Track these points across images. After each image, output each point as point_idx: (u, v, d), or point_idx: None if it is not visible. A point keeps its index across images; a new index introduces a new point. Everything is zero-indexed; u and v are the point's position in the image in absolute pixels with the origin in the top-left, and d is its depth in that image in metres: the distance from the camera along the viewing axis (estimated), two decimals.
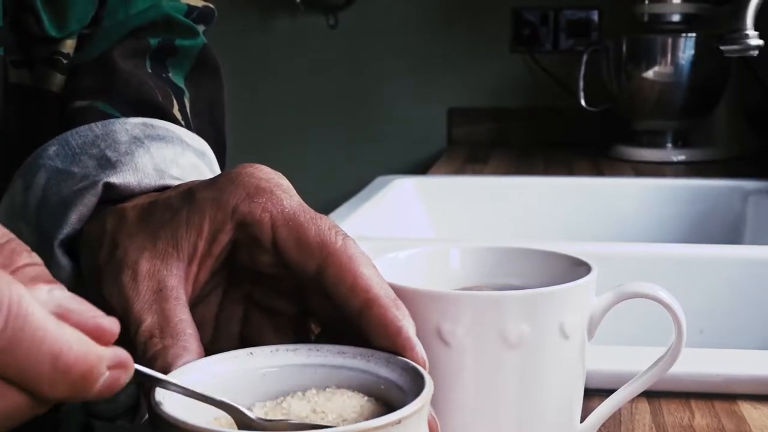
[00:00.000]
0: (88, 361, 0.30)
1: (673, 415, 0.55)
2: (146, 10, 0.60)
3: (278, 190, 0.42)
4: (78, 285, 0.46)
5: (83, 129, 0.51)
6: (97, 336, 0.30)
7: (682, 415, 0.55)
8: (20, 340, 0.29)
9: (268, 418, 0.37)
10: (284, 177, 0.44)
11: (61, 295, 0.31)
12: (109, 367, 0.31)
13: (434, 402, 0.36)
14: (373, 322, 0.39)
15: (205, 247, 0.42)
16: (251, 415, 0.36)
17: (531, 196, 1.36)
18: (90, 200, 0.46)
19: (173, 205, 0.43)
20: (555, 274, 0.48)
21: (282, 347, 0.40)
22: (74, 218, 0.46)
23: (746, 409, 0.56)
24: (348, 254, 0.40)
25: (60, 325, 0.30)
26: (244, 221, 0.42)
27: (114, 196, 0.47)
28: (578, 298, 0.44)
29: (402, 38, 2.05)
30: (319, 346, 0.40)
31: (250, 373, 0.39)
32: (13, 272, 0.31)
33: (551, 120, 1.97)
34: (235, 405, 0.36)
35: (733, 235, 1.30)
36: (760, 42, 1.18)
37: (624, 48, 1.63)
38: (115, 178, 0.47)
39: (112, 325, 0.31)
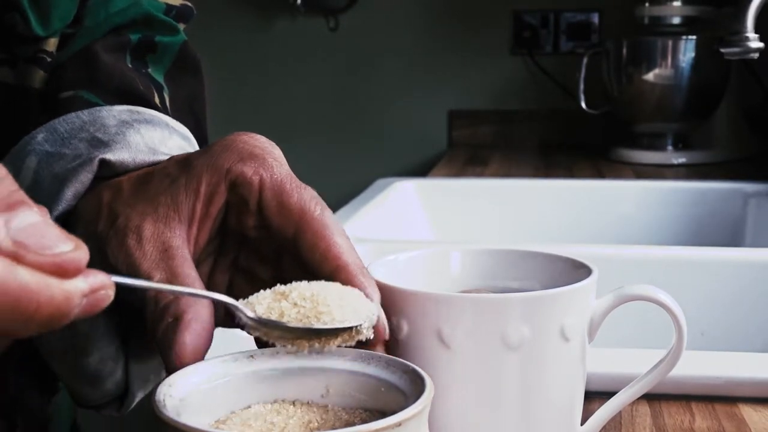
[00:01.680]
0: (54, 303, 0.30)
1: (673, 418, 0.55)
2: (126, 9, 0.61)
3: (270, 158, 0.45)
4: None
5: (70, 116, 0.51)
6: (61, 273, 0.30)
7: (682, 418, 0.55)
8: None
9: (265, 317, 0.38)
10: (277, 147, 0.46)
11: (19, 226, 0.30)
12: (87, 294, 0.31)
13: (434, 405, 0.36)
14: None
15: (203, 210, 0.44)
16: (249, 313, 0.38)
17: (531, 198, 1.36)
18: (86, 177, 0.47)
19: (171, 173, 0.45)
20: (555, 276, 0.48)
21: (282, 350, 0.40)
22: (70, 194, 0.47)
23: (747, 411, 0.56)
24: (324, 223, 0.43)
25: (12, 271, 0.29)
26: (236, 182, 0.44)
27: (107, 173, 0.48)
28: (579, 301, 0.44)
29: (402, 41, 2.06)
30: (320, 348, 0.40)
31: (249, 376, 0.39)
32: None
33: (552, 122, 1.97)
34: (230, 301, 0.39)
35: (733, 238, 1.30)
36: (761, 44, 1.18)
37: (624, 50, 1.63)
38: (110, 155, 0.48)
39: (75, 257, 0.31)
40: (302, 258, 0.43)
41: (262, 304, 0.39)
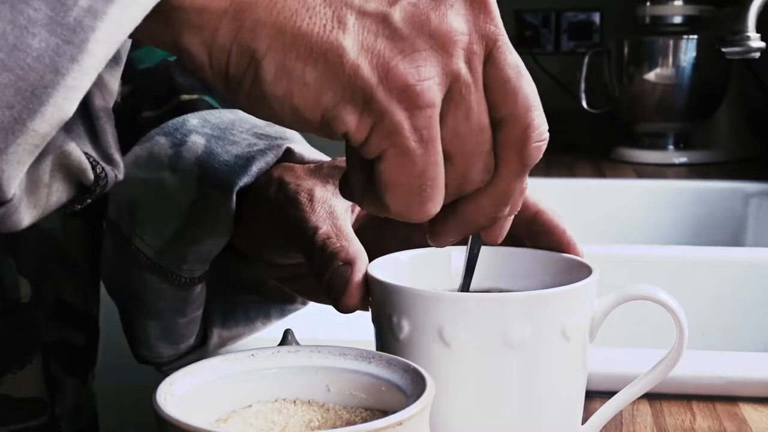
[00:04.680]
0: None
1: (674, 417, 0.55)
2: None
3: None
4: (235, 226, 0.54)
5: (214, 112, 0.59)
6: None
7: (683, 417, 0.55)
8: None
9: None
10: None
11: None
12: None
13: (435, 404, 0.36)
14: (544, 226, 0.49)
15: None
16: None
17: (532, 195, 1.36)
18: (271, 158, 0.55)
19: (340, 165, 0.53)
20: (557, 275, 0.48)
21: (283, 349, 0.40)
22: (255, 170, 0.54)
23: (747, 411, 0.56)
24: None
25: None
26: None
27: (284, 161, 0.56)
28: (580, 300, 0.44)
29: None
30: (320, 347, 0.40)
31: (251, 374, 0.39)
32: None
33: (552, 122, 1.93)
34: None
35: (734, 238, 1.30)
36: (762, 44, 1.18)
37: (626, 50, 1.63)
38: (294, 146, 0.56)
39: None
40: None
41: None
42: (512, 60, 0.39)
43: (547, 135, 0.40)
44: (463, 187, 0.40)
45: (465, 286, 0.47)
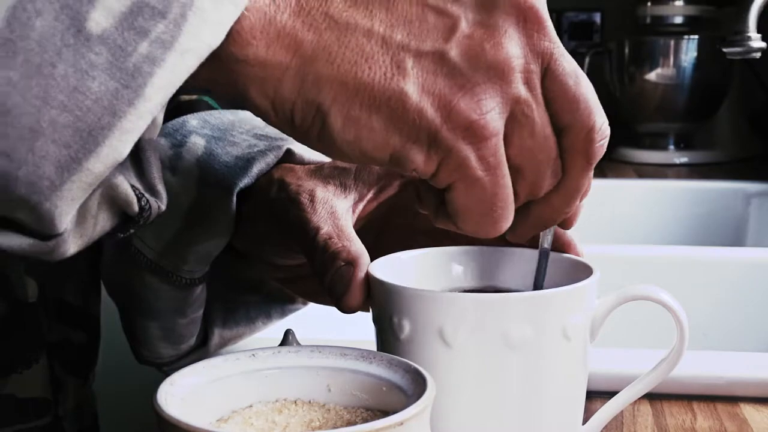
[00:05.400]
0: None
1: (675, 418, 0.55)
2: None
3: None
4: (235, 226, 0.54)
5: (214, 113, 0.59)
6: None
7: (684, 418, 0.55)
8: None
9: None
10: None
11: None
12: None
13: (436, 404, 0.36)
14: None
15: (372, 195, 0.52)
16: None
17: None
18: (271, 159, 0.55)
19: (341, 166, 0.53)
20: (557, 276, 0.48)
21: (284, 349, 0.40)
22: (255, 171, 0.54)
23: (748, 411, 0.56)
24: None
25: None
26: (408, 183, 0.53)
27: (284, 162, 0.56)
28: (581, 301, 0.44)
29: None
30: (321, 347, 0.40)
31: (251, 374, 0.39)
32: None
33: None
34: None
35: (735, 238, 1.30)
36: (763, 44, 1.18)
37: (626, 50, 1.63)
38: (294, 147, 0.56)
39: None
40: None
41: None
42: (569, 68, 0.40)
43: (608, 131, 0.41)
44: (535, 194, 0.42)
45: (538, 282, 0.47)
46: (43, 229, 0.34)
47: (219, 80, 0.37)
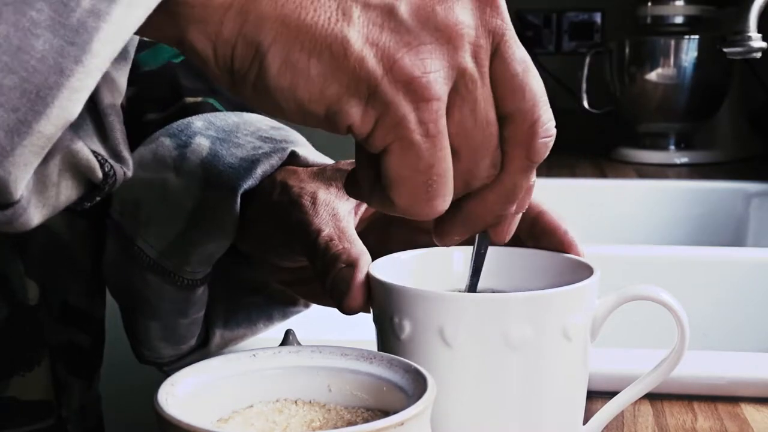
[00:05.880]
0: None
1: (675, 418, 0.55)
2: None
3: None
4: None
5: (219, 114, 0.59)
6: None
7: (684, 418, 0.55)
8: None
9: None
10: None
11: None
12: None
13: (437, 404, 0.36)
14: (546, 227, 0.50)
15: None
16: None
17: (533, 197, 1.36)
18: (275, 161, 0.55)
19: (344, 168, 0.53)
20: (558, 276, 0.48)
21: (285, 349, 0.40)
22: (259, 173, 0.54)
23: (749, 411, 0.56)
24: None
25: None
26: None
27: (288, 164, 0.56)
28: (581, 300, 0.44)
29: None
30: (321, 347, 0.40)
31: (252, 375, 0.39)
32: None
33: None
34: None
35: (735, 238, 1.30)
36: (763, 44, 1.18)
37: (627, 50, 1.63)
38: (299, 149, 0.56)
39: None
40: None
41: None
42: (519, 55, 0.39)
43: (554, 131, 0.40)
44: (470, 183, 0.40)
45: (472, 286, 0.47)
46: None
47: (160, 26, 0.35)
